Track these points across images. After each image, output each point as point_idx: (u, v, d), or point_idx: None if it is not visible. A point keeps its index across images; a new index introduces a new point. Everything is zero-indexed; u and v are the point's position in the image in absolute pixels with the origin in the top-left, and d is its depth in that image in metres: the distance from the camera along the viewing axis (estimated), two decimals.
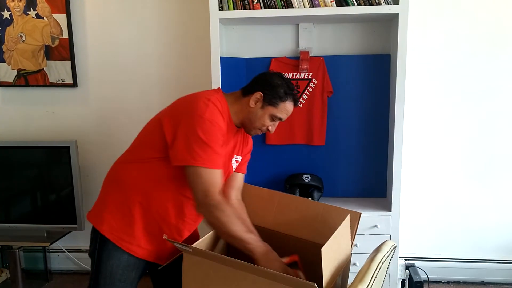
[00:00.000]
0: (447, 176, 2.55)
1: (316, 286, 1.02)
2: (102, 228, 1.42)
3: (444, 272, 2.64)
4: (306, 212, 1.47)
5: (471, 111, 2.48)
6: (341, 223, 1.28)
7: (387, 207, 2.27)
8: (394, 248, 1.38)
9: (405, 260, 2.57)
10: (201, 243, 1.37)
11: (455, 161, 2.53)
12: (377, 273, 1.21)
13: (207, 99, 1.38)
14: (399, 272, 2.43)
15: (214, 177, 1.33)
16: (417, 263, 2.55)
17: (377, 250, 1.31)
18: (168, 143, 1.36)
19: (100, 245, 1.43)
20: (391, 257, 1.36)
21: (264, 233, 1.44)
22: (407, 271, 2.50)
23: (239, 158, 1.60)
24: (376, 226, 2.24)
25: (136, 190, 1.41)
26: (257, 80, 1.50)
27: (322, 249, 1.11)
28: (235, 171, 1.61)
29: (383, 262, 1.26)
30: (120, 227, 1.42)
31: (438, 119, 2.51)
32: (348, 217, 1.33)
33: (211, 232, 1.41)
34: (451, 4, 2.39)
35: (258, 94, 1.45)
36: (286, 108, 1.47)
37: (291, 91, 1.47)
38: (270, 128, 1.50)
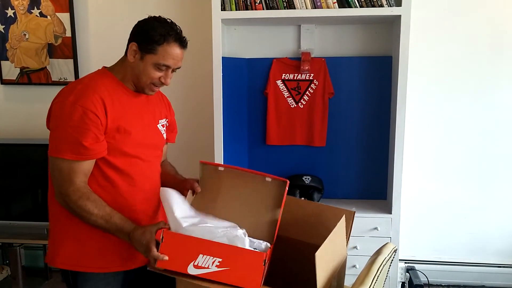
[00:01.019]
0: (448, 179, 2.54)
1: None
2: (64, 265, 1.35)
3: (444, 276, 2.62)
4: (299, 212, 1.45)
5: (472, 114, 2.47)
6: (335, 223, 1.26)
7: (388, 210, 2.27)
8: (395, 251, 1.37)
9: (405, 263, 2.56)
10: None
11: (456, 164, 2.52)
12: (378, 276, 1.20)
13: (77, 82, 1.31)
14: (399, 275, 2.43)
15: (71, 167, 1.24)
16: (417, 266, 2.55)
17: (378, 252, 1.31)
18: None
19: (72, 278, 1.37)
20: (392, 260, 1.35)
21: None
22: (407, 274, 2.49)
23: (164, 121, 1.50)
24: (376, 228, 2.23)
25: (68, 214, 1.31)
26: (131, 31, 1.35)
27: (316, 254, 1.09)
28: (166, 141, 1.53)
29: (384, 265, 1.25)
30: (81, 253, 1.34)
31: (439, 121, 2.50)
32: (343, 218, 1.31)
33: None
34: (453, 6, 2.39)
35: (133, 45, 1.30)
36: (168, 52, 1.29)
37: (170, 31, 1.29)
38: (162, 80, 1.33)
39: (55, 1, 2.58)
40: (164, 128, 1.50)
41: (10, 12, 2.63)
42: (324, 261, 1.16)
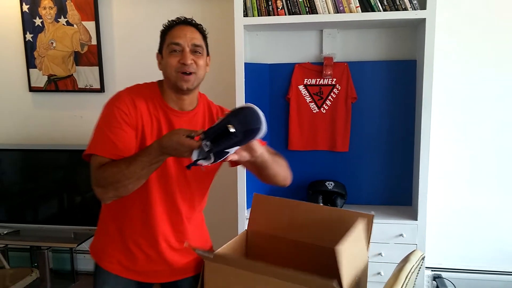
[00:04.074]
0: (475, 184, 2.48)
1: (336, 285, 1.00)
2: (101, 260, 1.43)
3: (472, 284, 2.55)
4: (317, 218, 1.44)
5: (499, 119, 2.41)
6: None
7: (413, 216, 2.22)
8: (423, 258, 1.34)
9: (432, 270, 2.51)
10: (223, 249, 1.37)
11: (484, 169, 2.46)
12: (406, 284, 1.18)
13: (124, 89, 1.37)
14: (425, 283, 2.38)
15: (100, 161, 1.28)
16: (444, 274, 2.49)
17: (405, 260, 1.28)
18: None
19: (95, 271, 1.45)
20: (420, 268, 1.32)
21: (276, 241, 1.42)
22: (434, 282, 2.44)
23: None
24: (401, 235, 2.19)
25: (110, 214, 1.42)
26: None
27: (338, 247, 1.07)
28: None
29: (412, 273, 1.23)
30: (101, 247, 1.43)
31: (465, 126, 2.44)
32: (360, 220, 1.29)
33: (233, 239, 1.40)
34: (479, 9, 2.34)
35: (157, 55, 1.42)
36: (173, 34, 1.34)
37: (173, 21, 1.39)
38: (181, 61, 1.31)
39: (81, 10, 2.65)
40: None
41: (38, 21, 2.71)
42: (346, 258, 1.14)
